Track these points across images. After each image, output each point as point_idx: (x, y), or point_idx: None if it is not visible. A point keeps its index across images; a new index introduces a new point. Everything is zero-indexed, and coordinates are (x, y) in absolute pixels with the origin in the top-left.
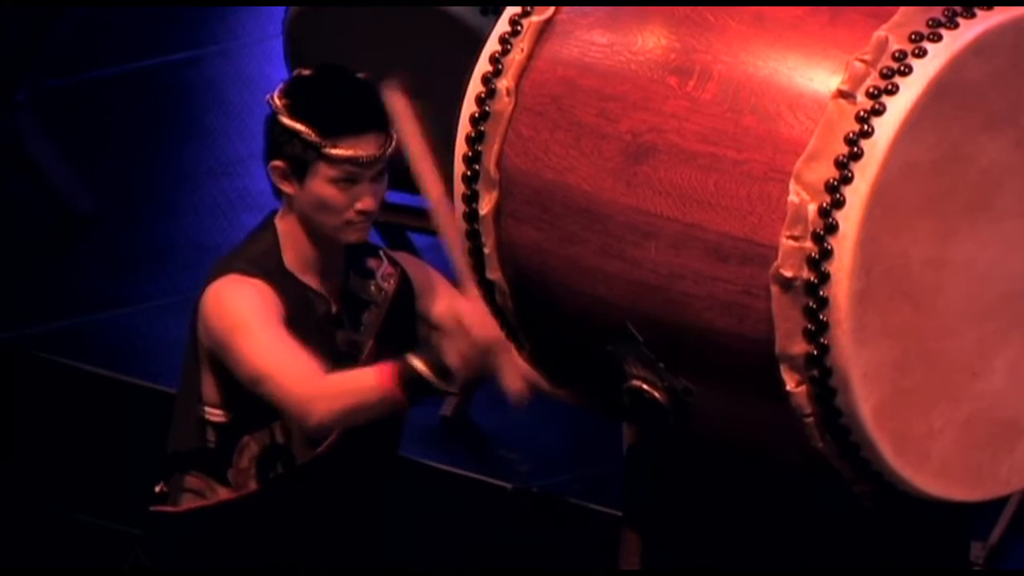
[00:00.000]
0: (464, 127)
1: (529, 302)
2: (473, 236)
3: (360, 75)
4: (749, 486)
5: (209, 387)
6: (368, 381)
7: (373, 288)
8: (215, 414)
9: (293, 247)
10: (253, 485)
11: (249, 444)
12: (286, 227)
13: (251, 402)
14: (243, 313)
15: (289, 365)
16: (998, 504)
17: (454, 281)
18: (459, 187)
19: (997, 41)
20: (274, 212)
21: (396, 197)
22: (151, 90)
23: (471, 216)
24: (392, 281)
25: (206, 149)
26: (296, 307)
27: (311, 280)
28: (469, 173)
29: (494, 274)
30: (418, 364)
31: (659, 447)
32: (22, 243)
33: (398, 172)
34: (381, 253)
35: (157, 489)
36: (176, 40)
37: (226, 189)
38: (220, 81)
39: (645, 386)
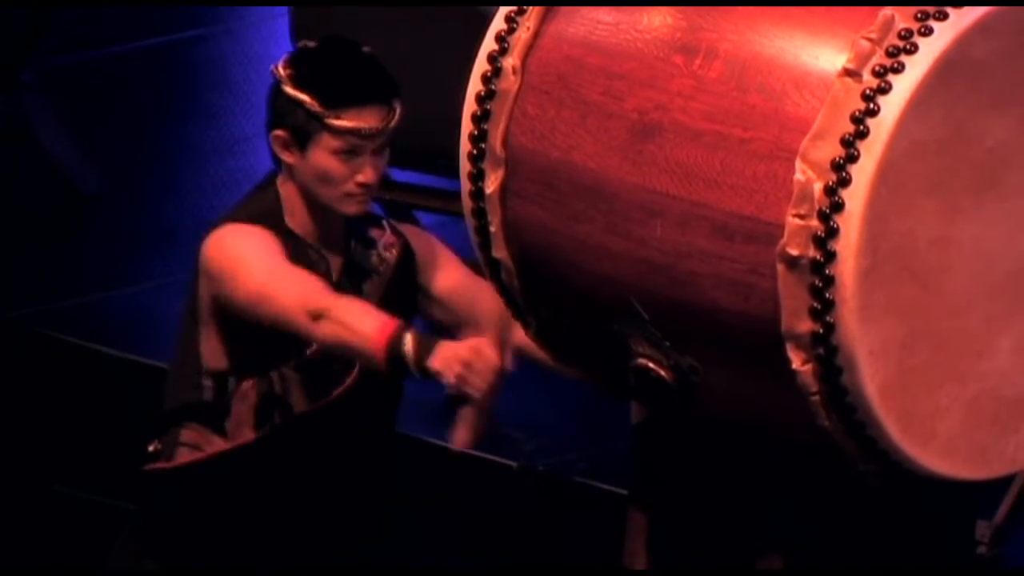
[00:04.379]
0: (470, 106)
1: (535, 280)
2: (479, 215)
3: (365, 48)
4: (755, 465)
5: (208, 346)
6: (367, 330)
7: (375, 258)
8: (213, 369)
9: (294, 211)
10: (251, 435)
11: (248, 393)
12: (287, 192)
13: (250, 355)
14: (243, 248)
15: (290, 282)
16: (1003, 483)
17: (458, 253)
18: (465, 165)
19: (1003, 20)
20: (275, 173)
21: (402, 175)
22: (157, 69)
23: (477, 195)
24: (394, 251)
25: (211, 128)
26: (296, 261)
27: (312, 242)
28: (475, 152)
29: (500, 252)
30: (407, 345)
31: (665, 425)
32: (28, 221)
33: (403, 150)
34: (384, 223)
35: (151, 448)
36: (182, 19)
37: (231, 168)
38: (226, 60)
39: (651, 364)
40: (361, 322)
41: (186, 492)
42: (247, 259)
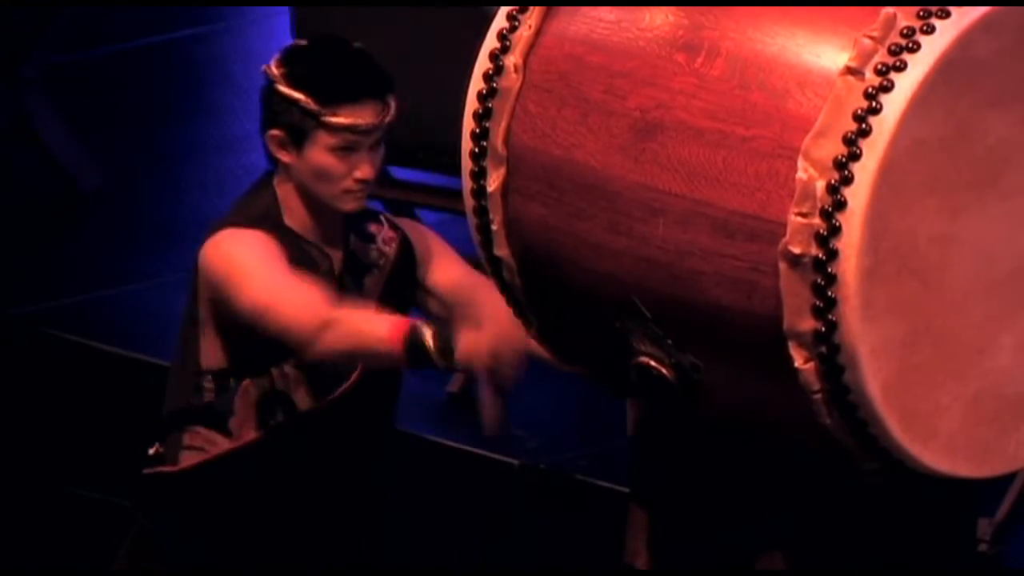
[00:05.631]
0: (471, 104)
1: (536, 278)
2: (480, 213)
3: (356, 44)
4: (756, 461)
5: (207, 347)
6: (379, 331)
7: (374, 252)
8: (213, 369)
9: (292, 210)
10: (253, 434)
11: (248, 390)
12: (284, 191)
13: (250, 357)
14: (243, 254)
15: (294, 293)
16: (1005, 481)
17: (457, 249)
18: (466, 163)
19: (1005, 18)
20: (270, 173)
21: (404, 174)
22: (158, 66)
23: (478, 193)
24: (393, 245)
25: (213, 125)
26: (298, 261)
27: (313, 240)
28: (476, 150)
29: (501, 250)
30: (427, 338)
31: (665, 425)
32: (29, 219)
33: (405, 148)
34: (382, 217)
35: (151, 451)
36: (183, 17)
37: (232, 165)
38: (227, 58)
39: (653, 362)
40: (372, 324)
41: (191, 494)
42: (249, 268)
